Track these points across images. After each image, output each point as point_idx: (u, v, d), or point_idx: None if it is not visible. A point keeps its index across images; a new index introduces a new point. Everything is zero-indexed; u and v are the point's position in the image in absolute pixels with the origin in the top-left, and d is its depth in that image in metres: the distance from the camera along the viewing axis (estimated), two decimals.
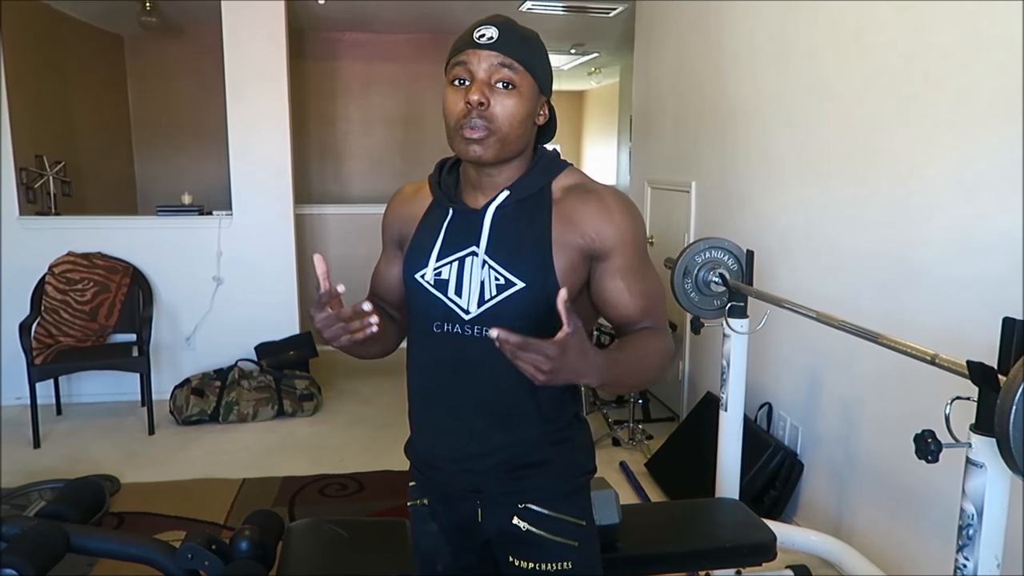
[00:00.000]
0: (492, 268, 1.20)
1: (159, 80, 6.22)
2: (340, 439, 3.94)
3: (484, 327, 1.21)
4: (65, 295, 4.08)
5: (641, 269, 1.24)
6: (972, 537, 1.43)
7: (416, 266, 1.27)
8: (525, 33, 1.22)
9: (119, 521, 3.00)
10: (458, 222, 1.26)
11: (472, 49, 1.18)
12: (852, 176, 2.56)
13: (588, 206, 1.22)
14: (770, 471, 2.90)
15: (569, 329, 0.98)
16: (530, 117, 1.21)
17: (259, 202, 4.50)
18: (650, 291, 1.25)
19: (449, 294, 1.23)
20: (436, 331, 1.25)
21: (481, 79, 1.17)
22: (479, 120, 1.16)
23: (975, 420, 1.42)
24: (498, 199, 1.23)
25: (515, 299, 1.19)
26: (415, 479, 1.39)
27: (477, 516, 1.30)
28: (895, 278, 2.35)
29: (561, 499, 1.29)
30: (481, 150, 1.17)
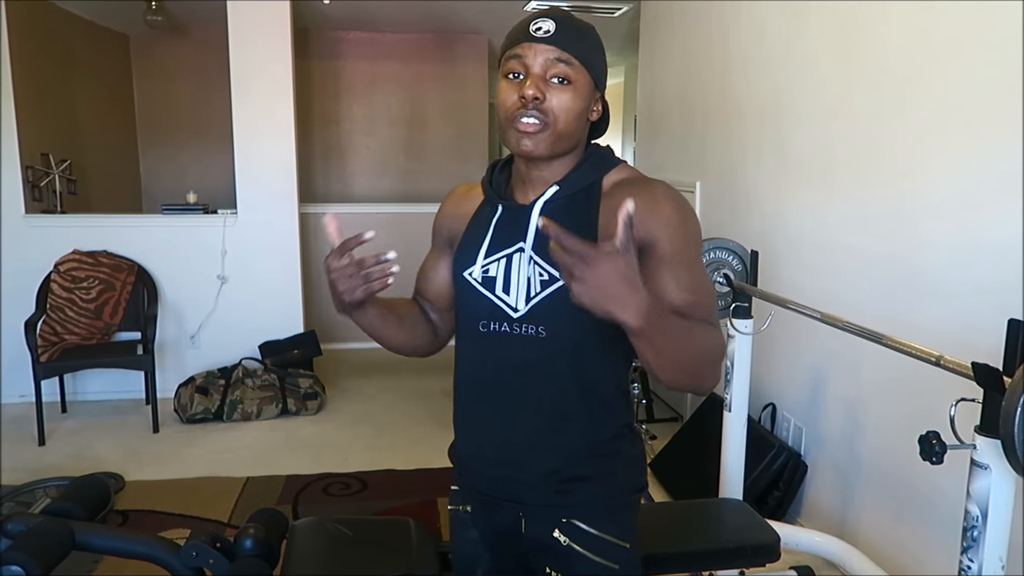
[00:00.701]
0: (537, 264, 1.17)
1: (164, 79, 6.23)
2: (344, 438, 3.94)
3: (533, 326, 1.18)
4: (70, 293, 4.09)
5: (689, 263, 1.17)
6: (976, 539, 1.43)
7: (465, 264, 1.25)
8: (582, 27, 1.19)
9: (124, 519, 3.01)
10: (506, 219, 1.23)
11: (528, 42, 1.15)
12: (857, 177, 2.56)
13: (636, 197, 1.13)
14: (774, 472, 2.90)
15: (618, 244, 0.91)
16: (584, 113, 1.19)
17: (264, 201, 4.51)
18: (699, 286, 1.17)
19: (497, 291, 1.21)
20: (483, 330, 1.22)
21: (536, 74, 1.14)
22: (534, 114, 1.13)
23: (980, 422, 1.41)
24: (547, 194, 1.20)
25: (561, 294, 1.12)
26: (457, 483, 1.36)
27: (520, 526, 1.27)
28: (900, 279, 2.34)
29: (606, 516, 1.24)
30: (533, 144, 1.15)
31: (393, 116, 6.59)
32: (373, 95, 6.54)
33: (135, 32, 6.01)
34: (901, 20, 2.33)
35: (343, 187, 6.58)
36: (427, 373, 4.63)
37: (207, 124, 6.06)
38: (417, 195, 6.53)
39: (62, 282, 4.09)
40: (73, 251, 4.19)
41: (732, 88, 3.43)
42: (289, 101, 4.46)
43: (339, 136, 6.55)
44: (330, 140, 6.52)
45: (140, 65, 6.22)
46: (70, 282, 4.10)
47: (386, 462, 3.57)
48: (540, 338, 1.18)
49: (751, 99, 3.26)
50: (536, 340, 1.18)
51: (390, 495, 3.25)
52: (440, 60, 6.51)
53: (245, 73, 4.37)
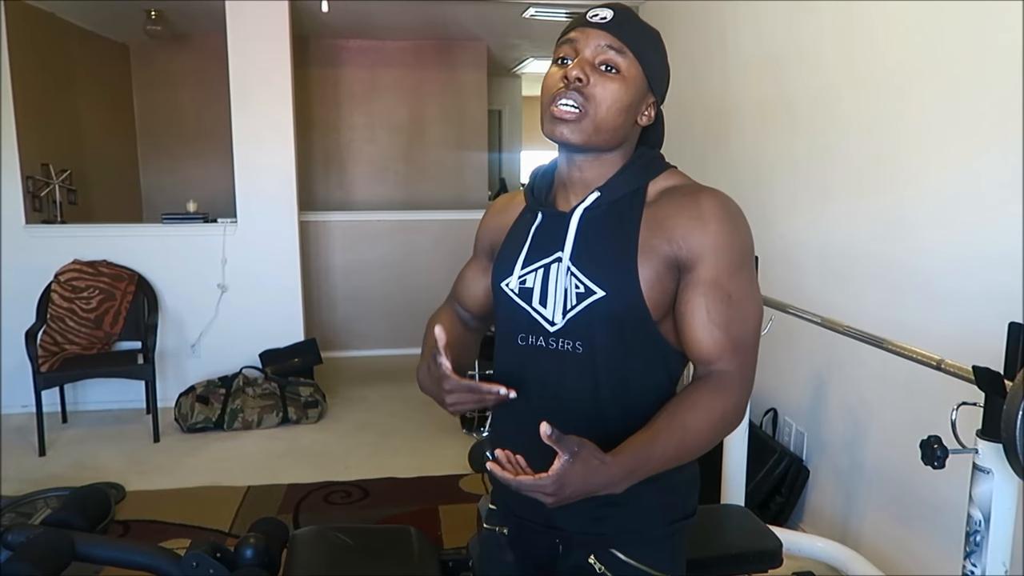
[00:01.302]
0: (574, 275, 1.11)
1: (164, 88, 6.24)
2: (345, 446, 3.93)
3: (569, 340, 1.12)
4: (71, 303, 4.09)
5: (731, 291, 1.07)
6: (980, 543, 1.42)
7: (502, 274, 1.20)
8: (644, 24, 1.14)
9: (124, 529, 3.00)
10: (546, 227, 1.17)
11: (582, 27, 1.10)
12: (858, 182, 2.56)
13: (681, 209, 1.09)
14: (776, 477, 2.89)
15: (565, 457, 0.92)
16: (631, 109, 1.11)
17: (264, 209, 4.51)
18: (736, 321, 1.07)
19: (534, 304, 1.15)
20: (521, 343, 1.17)
21: (586, 57, 1.08)
22: (573, 95, 1.07)
23: (981, 426, 1.41)
24: (587, 200, 1.13)
25: (596, 309, 1.09)
26: (496, 502, 1.31)
27: (556, 552, 1.20)
28: (900, 284, 2.34)
29: (647, 546, 1.17)
30: (569, 131, 1.08)
31: (393, 123, 6.60)
32: (373, 102, 6.55)
33: (135, 42, 6.03)
34: (901, 26, 2.33)
35: (343, 194, 6.59)
36: None
37: (207, 133, 6.07)
38: (417, 202, 6.54)
39: (62, 292, 4.09)
40: (73, 261, 4.19)
41: (731, 93, 3.44)
42: (289, 109, 4.47)
43: (339, 143, 6.56)
44: (330, 147, 6.53)
45: (140, 74, 6.23)
46: (70, 292, 4.10)
47: (387, 470, 3.56)
48: (577, 354, 1.12)
49: (751, 104, 3.27)
50: (573, 356, 1.12)
51: (392, 503, 3.24)
52: (439, 67, 6.52)
53: (245, 82, 4.38)
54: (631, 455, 0.99)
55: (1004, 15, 1.91)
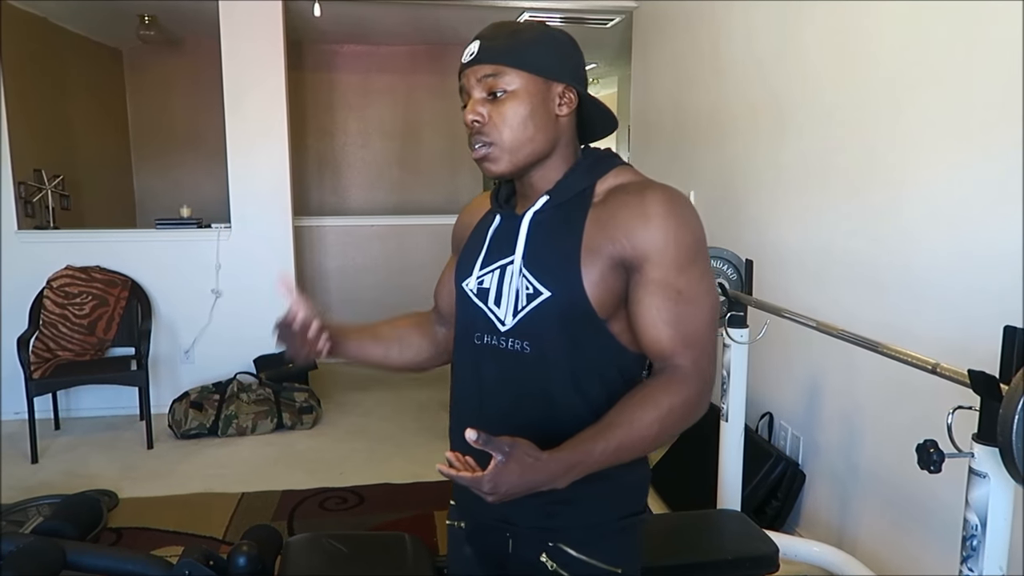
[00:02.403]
0: (525, 277, 1.14)
1: (158, 93, 6.23)
2: (340, 452, 3.92)
3: (518, 340, 1.15)
4: (64, 309, 4.07)
5: (680, 288, 1.08)
6: (976, 548, 1.42)
7: (463, 274, 1.24)
8: (513, 29, 1.15)
9: (117, 536, 2.98)
10: (503, 229, 1.21)
11: (463, 71, 1.16)
12: (851, 185, 2.56)
13: (625, 208, 1.10)
14: (772, 482, 2.89)
15: (499, 459, 0.96)
16: (536, 114, 1.12)
17: (258, 214, 4.50)
18: (687, 317, 1.08)
19: (489, 304, 1.18)
20: (477, 342, 1.20)
21: (476, 98, 1.14)
22: (478, 138, 1.13)
23: (977, 429, 1.41)
24: (537, 204, 1.17)
25: (543, 309, 1.12)
26: (455, 498, 1.34)
27: (507, 547, 1.23)
28: (895, 287, 2.34)
29: (597, 541, 1.19)
30: (492, 165, 1.14)
31: (387, 128, 6.60)
32: (367, 107, 6.55)
33: (128, 47, 6.01)
34: (896, 27, 2.34)
35: (337, 200, 6.58)
36: (424, 386, 4.63)
37: (201, 138, 6.06)
38: (411, 207, 6.53)
39: (55, 298, 4.07)
40: (66, 267, 4.17)
41: (725, 97, 3.45)
42: (283, 114, 4.46)
43: (333, 149, 6.55)
44: (324, 153, 6.52)
45: (133, 80, 6.21)
46: (63, 298, 4.08)
47: (383, 476, 3.55)
48: (525, 353, 1.15)
49: (745, 108, 3.28)
50: (522, 355, 1.15)
51: (387, 509, 3.23)
52: (433, 72, 6.52)
53: (238, 87, 4.37)
54: (570, 452, 1.02)
55: (997, 15, 1.92)
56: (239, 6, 4.31)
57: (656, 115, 4.32)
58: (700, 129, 3.71)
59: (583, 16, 4.84)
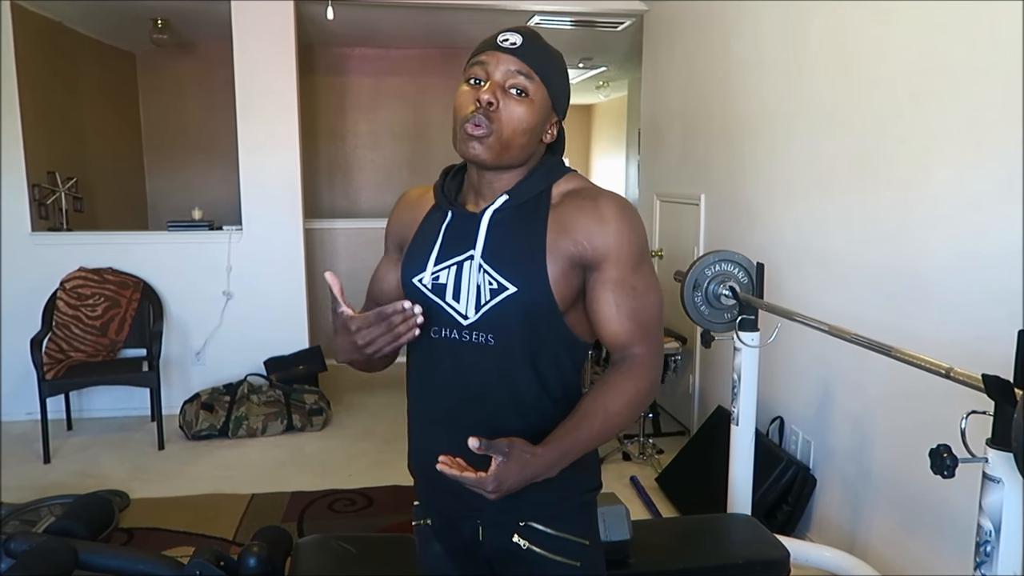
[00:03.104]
0: (487, 272, 1.18)
1: (170, 96, 6.26)
2: (349, 454, 3.93)
3: (482, 333, 1.19)
4: (76, 310, 4.10)
5: (635, 284, 1.19)
6: (990, 554, 1.41)
7: (414, 270, 1.25)
8: (549, 48, 1.21)
9: (128, 537, 2.99)
10: (457, 226, 1.24)
11: (493, 51, 1.17)
12: (863, 188, 2.55)
13: (582, 212, 1.18)
14: (782, 486, 2.87)
15: (500, 459, 1.04)
16: (536, 130, 1.20)
17: (269, 217, 4.52)
18: (642, 310, 1.19)
19: (447, 299, 1.21)
20: (434, 336, 1.23)
21: (496, 81, 1.16)
22: (483, 118, 1.15)
23: (991, 434, 1.40)
24: (496, 203, 1.21)
25: (508, 304, 1.17)
26: (419, 497, 1.36)
27: (478, 535, 1.27)
28: (908, 291, 2.33)
29: (563, 517, 1.26)
30: (481, 149, 1.16)
31: (397, 131, 6.61)
32: (377, 110, 6.57)
33: (141, 50, 6.05)
34: (904, 28, 2.33)
35: (348, 202, 6.60)
36: None
37: (213, 141, 6.09)
38: None
39: (68, 299, 4.10)
40: (79, 268, 4.20)
41: (735, 100, 3.44)
42: (294, 117, 4.48)
43: (344, 151, 6.57)
44: (335, 155, 6.54)
45: (146, 83, 6.25)
46: (76, 299, 4.11)
47: (391, 478, 3.55)
48: (490, 346, 1.19)
49: (754, 111, 3.27)
50: (486, 348, 1.19)
51: (396, 511, 3.23)
52: (443, 75, 6.53)
53: (250, 90, 4.39)
54: (560, 442, 1.11)
55: (1003, 15, 1.91)
56: (251, 9, 4.33)
57: (666, 118, 4.32)
58: (710, 132, 3.70)
59: (593, 19, 4.84)
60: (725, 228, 3.57)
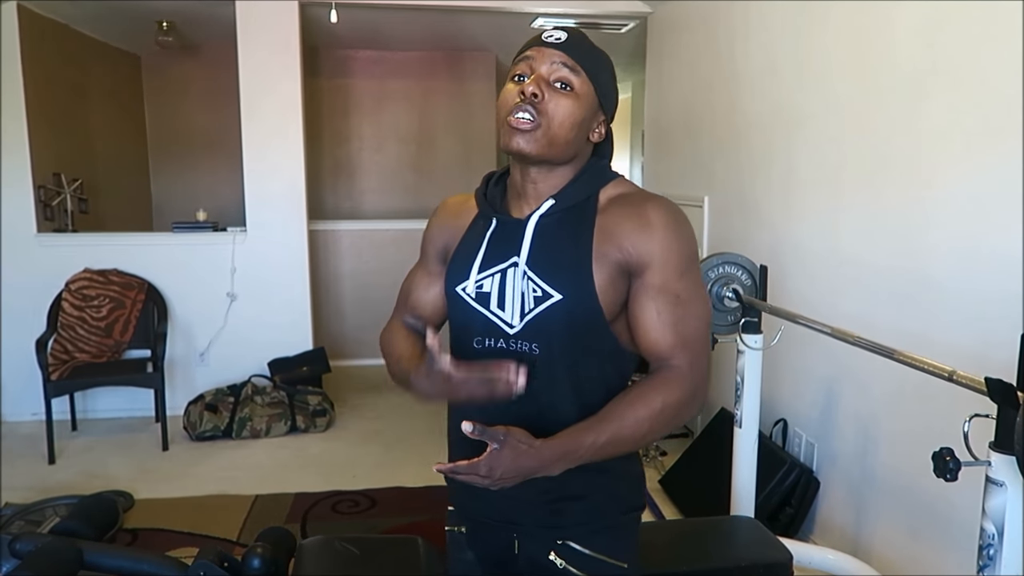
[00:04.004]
0: (531, 279, 1.15)
1: (175, 98, 6.28)
2: (353, 455, 3.93)
3: (527, 342, 1.16)
4: (81, 311, 4.11)
5: (679, 292, 1.14)
6: (993, 557, 1.41)
7: (458, 278, 1.23)
8: (595, 46, 1.20)
9: (132, 537, 3.00)
10: (501, 233, 1.21)
11: (538, 47, 1.16)
12: (866, 191, 2.55)
13: (628, 217, 1.15)
14: (786, 488, 2.87)
15: (494, 445, 1.02)
16: (583, 125, 1.17)
17: (273, 218, 4.53)
18: (684, 320, 1.14)
19: (491, 307, 1.18)
20: (477, 347, 1.20)
21: (541, 74, 1.14)
22: (528, 109, 1.12)
23: (994, 438, 1.40)
24: (542, 208, 1.18)
25: (553, 312, 1.14)
26: (453, 503, 1.34)
27: (513, 548, 1.24)
28: (911, 293, 2.33)
29: (603, 537, 1.21)
30: (525, 142, 1.13)
31: (401, 133, 6.62)
32: (382, 113, 6.57)
33: (146, 52, 6.07)
34: (912, 30, 2.33)
35: (352, 204, 6.61)
36: None
37: (217, 142, 6.11)
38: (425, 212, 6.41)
39: (73, 300, 4.11)
40: (84, 269, 4.22)
41: (740, 102, 3.44)
42: (298, 119, 4.49)
43: (348, 153, 6.58)
44: (339, 158, 6.55)
45: (151, 85, 6.28)
46: (81, 300, 4.12)
47: (395, 479, 3.56)
48: (534, 355, 1.16)
49: (759, 113, 3.27)
50: (531, 357, 1.16)
51: (399, 512, 3.23)
52: (448, 78, 6.54)
53: (254, 92, 4.40)
54: (562, 441, 1.07)
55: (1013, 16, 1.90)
56: (256, 12, 4.34)
57: (670, 120, 4.32)
58: (715, 134, 3.70)
59: (597, 21, 4.84)
60: (729, 230, 3.57)
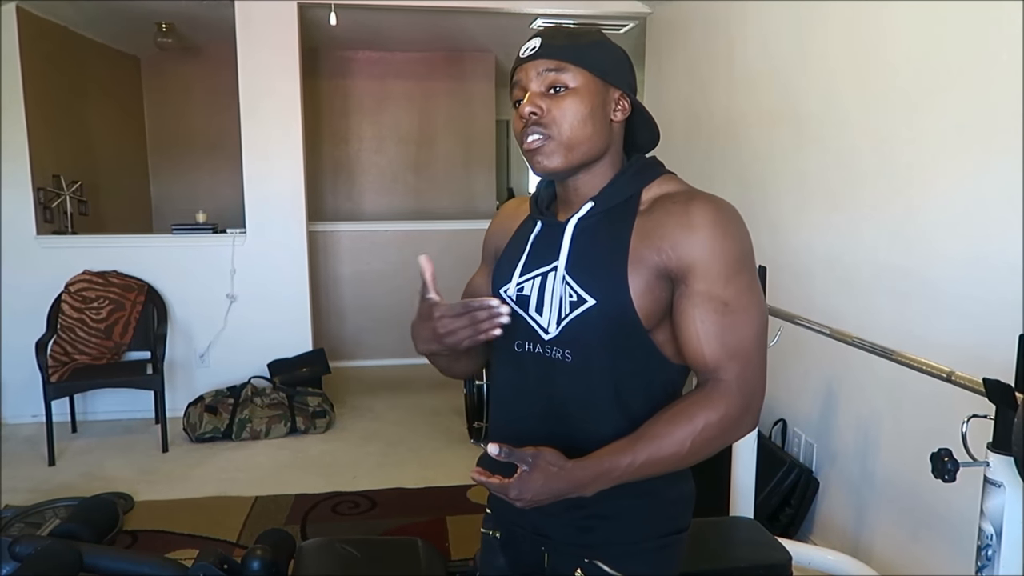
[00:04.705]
0: (568, 284, 1.12)
1: (175, 100, 6.29)
2: (353, 456, 3.93)
3: (560, 348, 1.13)
4: (81, 313, 4.11)
5: (727, 299, 1.06)
6: (991, 557, 1.41)
7: (501, 280, 1.22)
8: (573, 30, 1.16)
9: (132, 539, 3.01)
10: (544, 236, 1.19)
11: (520, 66, 1.14)
12: (866, 192, 2.55)
13: (670, 217, 1.09)
14: (785, 489, 2.87)
15: (523, 468, 1.00)
16: (595, 114, 1.12)
17: (273, 220, 4.53)
18: (733, 329, 1.06)
19: (530, 311, 1.16)
20: (517, 350, 1.18)
21: (534, 91, 1.11)
22: (534, 129, 1.10)
23: (992, 438, 1.40)
24: (582, 211, 1.14)
25: (588, 317, 1.10)
26: (490, 506, 1.32)
27: (543, 561, 1.21)
28: (910, 294, 2.33)
29: (634, 559, 1.15)
30: (545, 160, 1.11)
31: (401, 134, 6.62)
32: (382, 113, 6.58)
33: (146, 54, 6.07)
34: (913, 32, 2.33)
35: (352, 205, 6.61)
36: (436, 391, 4.63)
37: (217, 144, 6.11)
38: (425, 212, 6.55)
39: (73, 302, 4.11)
40: (84, 271, 4.22)
41: (740, 103, 3.44)
42: (298, 120, 4.49)
43: (348, 154, 6.58)
44: (339, 158, 6.56)
45: (151, 86, 6.28)
46: (81, 302, 4.13)
47: (395, 480, 3.56)
48: (567, 362, 1.13)
49: (759, 114, 3.27)
50: (564, 364, 1.13)
51: (399, 513, 3.24)
52: (448, 78, 6.54)
53: (254, 93, 4.40)
54: (596, 462, 1.03)
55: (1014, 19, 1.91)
56: (255, 14, 4.34)
57: (670, 121, 4.32)
58: (714, 135, 3.70)
59: (596, 22, 4.85)
60: None
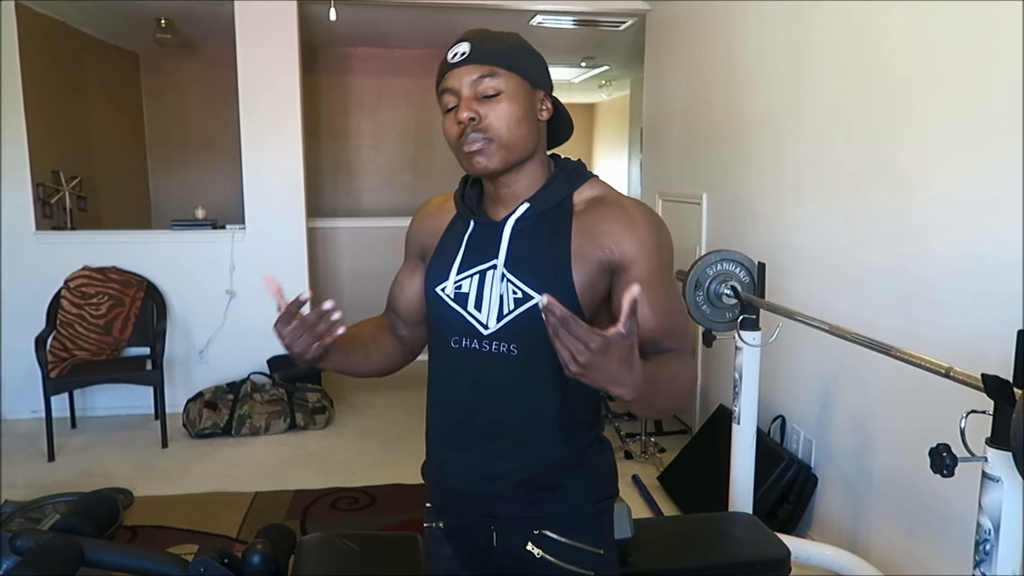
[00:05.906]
0: (511, 282, 1.18)
1: (174, 96, 6.28)
2: (352, 452, 3.94)
3: (504, 343, 1.19)
4: (80, 309, 4.11)
5: (664, 286, 1.18)
6: (989, 552, 1.41)
7: (437, 279, 1.26)
8: (499, 36, 1.21)
9: (132, 535, 3.01)
10: (479, 235, 1.24)
11: (450, 71, 1.18)
12: (864, 188, 2.55)
13: (610, 217, 1.18)
14: (784, 485, 2.88)
15: (623, 330, 0.89)
16: (528, 116, 1.18)
17: (272, 216, 4.53)
18: (673, 310, 1.19)
19: (469, 308, 1.21)
20: (454, 346, 1.23)
21: (467, 96, 1.16)
22: (475, 133, 1.15)
23: (991, 434, 1.40)
24: (518, 211, 1.20)
25: (533, 313, 1.15)
26: (431, 500, 1.36)
27: (492, 541, 1.27)
28: (908, 290, 2.33)
29: (579, 525, 1.25)
30: (485, 160, 1.16)
31: (400, 131, 6.62)
32: (380, 110, 6.57)
33: (145, 50, 6.07)
34: (908, 30, 2.33)
35: (350, 202, 6.61)
36: None
37: (216, 140, 6.11)
38: None
39: (72, 298, 4.11)
40: (83, 267, 4.22)
41: (738, 100, 3.44)
42: (297, 117, 4.48)
43: (347, 151, 6.58)
44: (338, 155, 6.55)
45: (150, 83, 6.27)
46: (80, 298, 4.13)
47: (394, 476, 3.56)
48: (512, 356, 1.19)
49: (757, 111, 3.27)
50: (508, 358, 1.19)
51: (399, 509, 3.24)
52: None
53: (253, 89, 4.40)
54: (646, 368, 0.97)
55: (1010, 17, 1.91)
56: (254, 10, 4.34)
57: (668, 117, 4.32)
58: (713, 132, 3.71)
59: (596, 18, 4.84)
60: (727, 227, 3.57)
